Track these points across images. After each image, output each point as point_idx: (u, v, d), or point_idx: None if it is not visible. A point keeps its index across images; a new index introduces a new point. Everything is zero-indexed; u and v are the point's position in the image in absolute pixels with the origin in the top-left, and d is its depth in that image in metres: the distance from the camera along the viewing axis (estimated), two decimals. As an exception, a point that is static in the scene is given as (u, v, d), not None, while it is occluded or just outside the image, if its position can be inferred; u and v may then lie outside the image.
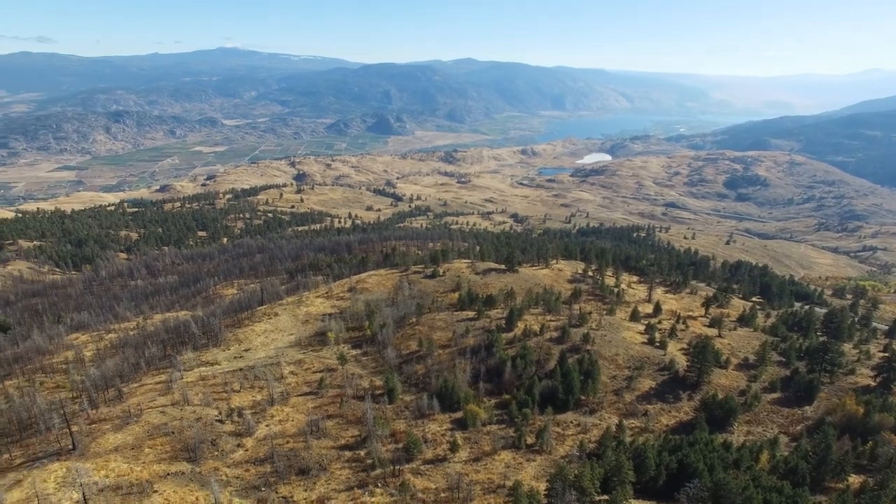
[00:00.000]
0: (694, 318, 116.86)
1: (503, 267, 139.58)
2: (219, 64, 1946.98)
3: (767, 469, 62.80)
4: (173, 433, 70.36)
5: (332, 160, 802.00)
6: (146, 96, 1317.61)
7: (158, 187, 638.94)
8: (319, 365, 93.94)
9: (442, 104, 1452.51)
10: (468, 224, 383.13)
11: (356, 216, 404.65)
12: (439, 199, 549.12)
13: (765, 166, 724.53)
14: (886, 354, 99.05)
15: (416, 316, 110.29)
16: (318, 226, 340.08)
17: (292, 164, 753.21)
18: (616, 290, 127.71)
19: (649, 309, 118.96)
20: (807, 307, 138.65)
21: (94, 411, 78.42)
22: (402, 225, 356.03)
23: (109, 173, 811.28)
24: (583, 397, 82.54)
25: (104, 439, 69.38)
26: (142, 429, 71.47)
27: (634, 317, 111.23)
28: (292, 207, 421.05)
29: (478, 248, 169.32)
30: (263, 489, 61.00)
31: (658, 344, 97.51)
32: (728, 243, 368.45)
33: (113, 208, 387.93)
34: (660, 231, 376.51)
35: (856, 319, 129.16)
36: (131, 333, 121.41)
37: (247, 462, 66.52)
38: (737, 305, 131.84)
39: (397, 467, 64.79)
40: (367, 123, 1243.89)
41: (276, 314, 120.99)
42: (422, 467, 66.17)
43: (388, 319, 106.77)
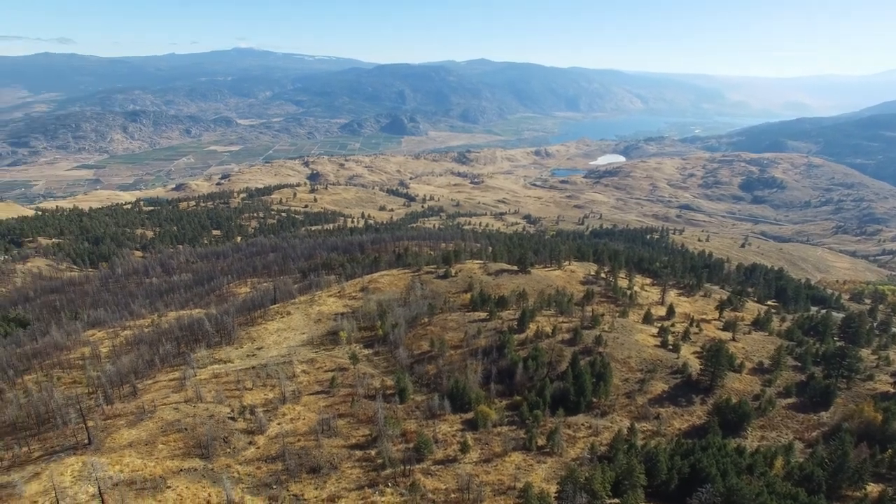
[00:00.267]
0: (708, 322, 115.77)
1: (515, 268, 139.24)
2: (234, 64, 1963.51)
3: (782, 475, 61.93)
4: (186, 430, 71.07)
5: (346, 160, 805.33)
6: (163, 96, 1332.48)
7: (174, 186, 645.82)
8: (331, 364, 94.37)
9: (455, 105, 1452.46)
10: (481, 225, 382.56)
11: (369, 216, 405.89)
12: (452, 200, 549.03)
13: (781, 168, 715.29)
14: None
15: (428, 316, 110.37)
16: (331, 225, 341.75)
17: (306, 164, 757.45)
18: (629, 293, 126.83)
19: (662, 311, 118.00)
20: (823, 311, 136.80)
21: (110, 407, 79.47)
22: (415, 225, 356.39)
23: (126, 172, 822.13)
24: (594, 400, 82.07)
25: (119, 435, 70.28)
26: (155, 425, 72.28)
27: (647, 319, 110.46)
28: (306, 207, 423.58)
29: (490, 249, 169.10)
30: (275, 487, 61.42)
31: (671, 347, 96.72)
32: (743, 246, 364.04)
33: (129, 207, 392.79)
34: (674, 233, 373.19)
35: (874, 324, 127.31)
36: (146, 330, 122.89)
37: (258, 460, 67.02)
38: (751, 309, 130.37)
39: (408, 467, 64.89)
40: (381, 124, 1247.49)
41: (289, 313, 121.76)
42: (432, 467, 66.22)
43: (400, 319, 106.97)
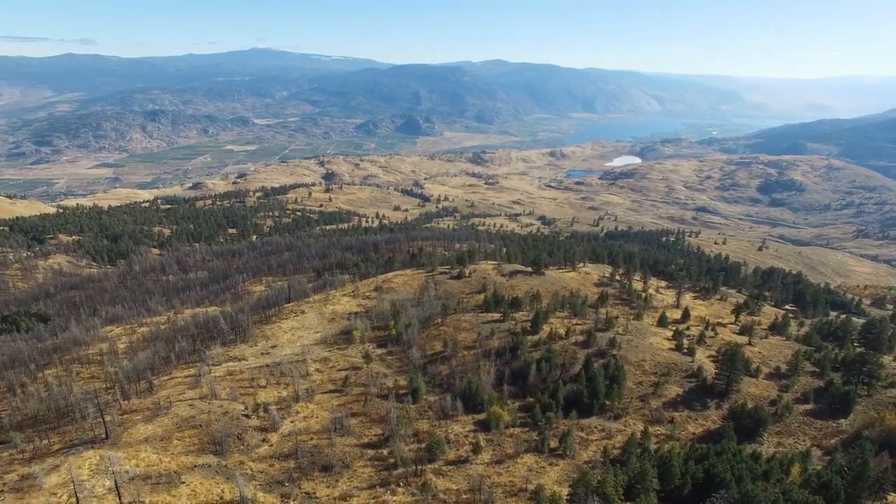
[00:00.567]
0: (723, 325, 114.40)
1: (529, 269, 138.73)
2: (251, 64, 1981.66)
3: (799, 483, 60.88)
4: (201, 426, 71.85)
5: (361, 160, 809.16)
6: (181, 96, 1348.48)
7: (191, 185, 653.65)
8: (344, 363, 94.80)
9: (471, 105, 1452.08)
10: (495, 225, 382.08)
11: (384, 216, 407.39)
12: (466, 200, 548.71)
13: (801, 171, 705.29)
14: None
15: (442, 316, 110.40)
16: (346, 225, 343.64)
17: (321, 164, 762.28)
18: (644, 295, 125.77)
19: (677, 314, 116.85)
20: (843, 316, 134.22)
21: (126, 402, 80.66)
22: (429, 225, 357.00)
23: (145, 170, 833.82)
24: (608, 402, 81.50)
25: (135, 430, 71.26)
26: (171, 421, 73.16)
27: (662, 322, 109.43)
28: (321, 206, 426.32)
29: (504, 250, 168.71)
30: (287, 484, 61.85)
31: (686, 350, 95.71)
32: (760, 249, 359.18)
33: (147, 205, 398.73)
34: (690, 236, 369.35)
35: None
36: (162, 327, 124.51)
37: (271, 457, 67.54)
38: (768, 313, 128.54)
39: (419, 467, 64.97)
40: (396, 124, 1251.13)
41: (303, 312, 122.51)
42: (444, 468, 66.24)
43: (414, 319, 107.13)
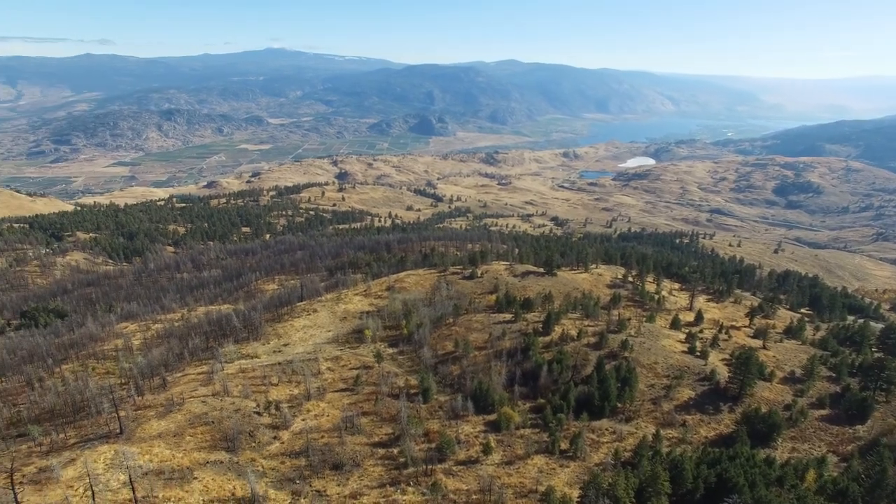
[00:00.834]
0: (737, 328, 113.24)
1: (542, 270, 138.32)
2: (266, 64, 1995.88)
3: (814, 489, 59.96)
4: (213, 423, 72.48)
5: (374, 160, 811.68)
6: (196, 95, 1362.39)
7: (205, 183, 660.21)
8: (356, 362, 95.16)
9: (484, 105, 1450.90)
10: (507, 226, 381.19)
11: (396, 216, 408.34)
12: (479, 201, 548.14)
13: (818, 172, 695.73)
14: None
15: (453, 317, 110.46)
16: (359, 224, 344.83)
17: (335, 163, 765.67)
18: (656, 297, 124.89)
19: (690, 317, 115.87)
20: (861, 321, 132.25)
21: (140, 398, 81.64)
22: (442, 225, 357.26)
23: (160, 169, 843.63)
24: (619, 405, 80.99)
25: (149, 425, 72.08)
26: (184, 417, 73.90)
27: (675, 325, 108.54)
28: (334, 206, 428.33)
29: (517, 251, 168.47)
30: (298, 482, 62.18)
31: (699, 353, 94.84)
32: (776, 252, 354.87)
33: (162, 203, 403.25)
34: (704, 238, 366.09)
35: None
36: (176, 324, 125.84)
37: (282, 454, 67.95)
38: (783, 317, 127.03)
39: (429, 467, 64.99)
40: (410, 124, 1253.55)
41: (315, 310, 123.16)
42: (454, 468, 66.22)
43: (425, 319, 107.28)
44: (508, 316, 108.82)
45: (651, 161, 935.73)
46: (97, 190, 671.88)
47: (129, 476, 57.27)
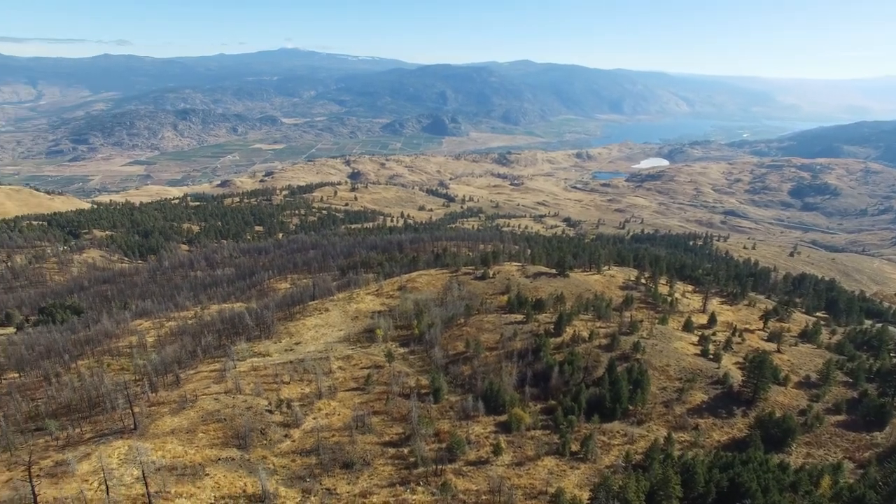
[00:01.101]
0: (751, 332, 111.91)
1: (554, 271, 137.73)
2: (280, 64, 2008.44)
3: (829, 496, 59.10)
4: (225, 420, 73.08)
5: (387, 160, 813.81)
6: (211, 95, 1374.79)
7: (219, 182, 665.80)
8: (367, 361, 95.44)
9: (497, 106, 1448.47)
10: (520, 226, 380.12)
11: (408, 216, 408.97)
12: (491, 201, 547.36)
13: (835, 174, 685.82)
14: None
15: (465, 317, 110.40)
16: (371, 224, 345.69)
17: (347, 163, 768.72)
18: (669, 299, 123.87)
19: (704, 320, 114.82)
20: (879, 325, 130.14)
21: (154, 394, 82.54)
22: (454, 226, 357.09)
23: (175, 168, 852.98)
24: (630, 407, 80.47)
25: (162, 422, 72.85)
26: (196, 414, 74.58)
27: (688, 327, 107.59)
28: (346, 205, 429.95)
29: (529, 252, 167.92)
30: (308, 480, 62.50)
31: (712, 356, 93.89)
32: (792, 255, 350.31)
33: (177, 202, 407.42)
34: (718, 240, 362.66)
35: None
36: (189, 322, 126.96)
37: (293, 452, 68.34)
38: (799, 320, 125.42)
39: (439, 467, 65.03)
40: (422, 124, 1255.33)
41: (327, 309, 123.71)
42: (464, 468, 66.20)
43: (437, 319, 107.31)
44: (520, 317, 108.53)
45: (665, 162, 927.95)
46: (113, 188, 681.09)
47: (143, 471, 57.92)
